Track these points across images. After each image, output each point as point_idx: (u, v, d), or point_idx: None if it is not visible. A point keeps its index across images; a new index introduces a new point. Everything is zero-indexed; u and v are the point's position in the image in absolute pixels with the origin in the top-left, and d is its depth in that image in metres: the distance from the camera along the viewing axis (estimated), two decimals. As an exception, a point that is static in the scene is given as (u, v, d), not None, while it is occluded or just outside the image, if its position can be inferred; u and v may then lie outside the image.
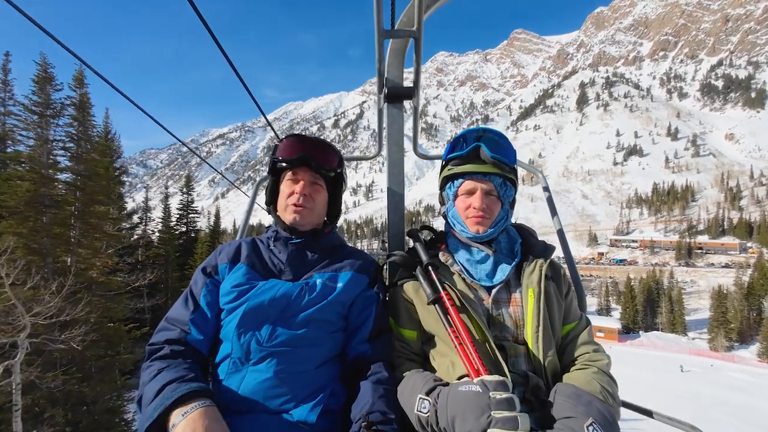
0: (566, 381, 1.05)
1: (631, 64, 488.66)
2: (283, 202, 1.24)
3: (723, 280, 78.32)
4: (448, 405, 0.93)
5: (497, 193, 1.22)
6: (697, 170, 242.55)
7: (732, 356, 44.66)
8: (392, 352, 1.18)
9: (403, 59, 1.72)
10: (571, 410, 0.92)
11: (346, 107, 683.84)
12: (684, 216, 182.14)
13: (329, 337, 1.11)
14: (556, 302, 1.16)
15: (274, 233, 1.26)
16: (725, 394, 32.05)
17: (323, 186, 1.27)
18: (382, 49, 1.16)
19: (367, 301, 1.20)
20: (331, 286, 1.15)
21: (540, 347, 1.07)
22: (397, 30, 1.33)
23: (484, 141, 1.21)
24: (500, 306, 1.15)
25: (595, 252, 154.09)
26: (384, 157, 1.81)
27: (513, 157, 1.24)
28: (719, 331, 50.32)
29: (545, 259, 1.21)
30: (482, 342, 1.07)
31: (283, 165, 1.24)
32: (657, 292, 64.66)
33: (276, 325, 1.05)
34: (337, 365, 1.13)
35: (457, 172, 1.23)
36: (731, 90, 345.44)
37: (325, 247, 1.26)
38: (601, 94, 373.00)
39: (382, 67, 1.28)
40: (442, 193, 1.33)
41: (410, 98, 1.69)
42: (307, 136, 1.28)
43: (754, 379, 36.46)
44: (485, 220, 1.19)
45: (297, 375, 1.01)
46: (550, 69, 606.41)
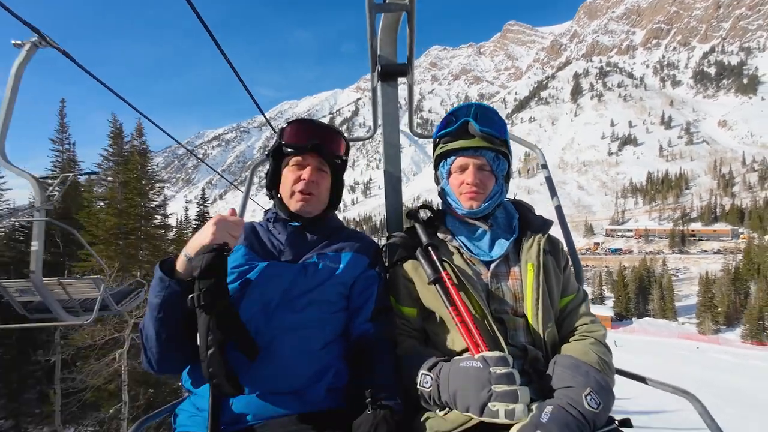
0: (564, 352, 1.08)
1: (624, 53, 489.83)
2: (288, 188, 1.21)
3: (714, 266, 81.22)
4: (449, 380, 0.96)
5: (490, 167, 1.22)
6: (691, 158, 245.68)
7: (717, 339, 47.30)
8: (394, 330, 1.20)
9: (395, 35, 1.64)
10: (570, 380, 0.95)
11: (341, 104, 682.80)
12: (678, 204, 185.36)
13: (332, 317, 1.12)
14: (554, 276, 1.18)
15: (273, 215, 1.26)
16: (708, 374, 34.66)
17: (328, 172, 1.26)
18: (373, 24, 1.11)
19: (368, 281, 1.21)
20: (332, 267, 1.16)
21: (539, 320, 1.09)
22: (388, 3, 1.29)
23: (473, 116, 1.20)
24: (499, 280, 1.17)
25: (591, 242, 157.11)
26: (380, 136, 1.75)
27: (503, 129, 1.24)
28: (707, 315, 53.01)
29: (543, 234, 1.22)
30: (481, 318, 1.08)
31: (291, 151, 1.21)
32: (648, 280, 67.36)
33: (278, 307, 1.05)
34: (340, 345, 1.13)
35: (449, 149, 1.23)
36: (724, 77, 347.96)
37: (324, 229, 1.26)
38: (595, 85, 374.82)
39: (374, 43, 1.24)
40: (436, 172, 1.34)
41: (404, 75, 1.64)
42: (316, 122, 1.26)
43: (737, 359, 39.06)
44: (479, 195, 1.19)
45: (303, 355, 1.02)
46: (544, 60, 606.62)
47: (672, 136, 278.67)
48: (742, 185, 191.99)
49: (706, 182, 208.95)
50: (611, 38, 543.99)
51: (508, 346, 1.05)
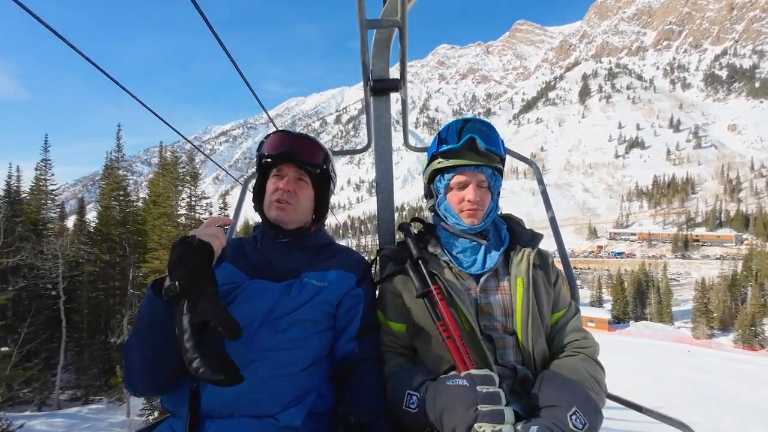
0: (553, 368, 1.06)
1: (634, 54, 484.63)
2: (268, 198, 1.22)
3: (715, 271, 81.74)
4: (435, 399, 0.93)
5: (488, 184, 1.22)
6: (698, 162, 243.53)
7: (710, 343, 48.45)
8: (380, 348, 1.18)
9: (388, 51, 1.65)
10: (556, 399, 0.93)
11: (347, 102, 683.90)
12: (683, 208, 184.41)
13: (316, 337, 1.10)
14: (544, 291, 1.17)
15: (260, 232, 1.25)
16: (696, 376, 36.10)
17: (308, 182, 1.25)
18: (365, 40, 1.12)
19: (355, 300, 1.19)
20: (318, 286, 1.13)
21: (529, 336, 1.07)
22: (380, 20, 1.31)
23: (476, 132, 1.18)
24: (489, 295, 1.15)
25: (595, 245, 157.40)
26: (372, 150, 1.74)
27: (503, 147, 1.24)
28: (701, 320, 54.04)
29: (533, 248, 1.21)
30: (470, 334, 1.06)
31: (269, 161, 1.23)
32: (646, 284, 68.35)
33: (261, 327, 1.03)
34: (325, 366, 1.11)
35: (449, 165, 1.21)
36: (735, 80, 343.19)
37: (311, 246, 1.25)
38: (603, 86, 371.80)
39: (366, 58, 1.24)
40: (430, 185, 1.31)
41: (396, 90, 1.65)
42: (292, 132, 1.26)
43: (725, 362, 40.38)
44: (479, 212, 1.19)
45: (283, 378, 0.99)
46: (553, 60, 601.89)
47: (680, 139, 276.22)
48: (749, 191, 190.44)
49: (713, 187, 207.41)
50: (621, 39, 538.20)
51: (497, 365, 1.04)
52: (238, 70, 2.00)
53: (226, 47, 1.80)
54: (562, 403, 0.91)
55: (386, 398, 1.05)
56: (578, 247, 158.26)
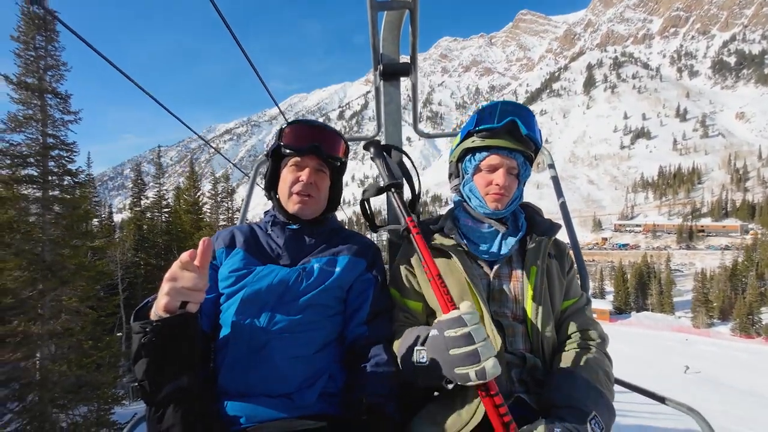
0: (565, 362, 1.04)
1: (640, 42, 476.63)
2: (286, 189, 1.20)
3: (717, 262, 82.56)
4: (428, 352, 0.92)
5: (518, 171, 1.19)
6: (705, 151, 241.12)
7: (708, 332, 49.80)
8: (394, 325, 1.18)
9: (398, 34, 1.60)
10: (575, 400, 0.91)
11: (350, 97, 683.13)
12: (689, 199, 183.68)
13: (328, 321, 1.12)
14: (557, 280, 1.16)
15: (272, 218, 1.25)
16: (690, 362, 37.80)
17: (327, 174, 1.25)
18: (375, 23, 1.08)
19: (365, 284, 1.20)
20: (329, 271, 1.15)
21: (539, 324, 1.07)
22: (390, 1, 1.27)
23: (517, 116, 1.14)
24: (501, 281, 1.15)
25: (599, 237, 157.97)
26: (382, 136, 1.72)
27: (540, 136, 1.21)
28: (701, 309, 55.39)
29: (549, 237, 1.20)
30: (480, 316, 1.04)
31: (290, 152, 1.20)
32: (648, 276, 69.63)
33: (274, 310, 1.05)
34: (336, 348, 1.13)
35: (484, 145, 1.17)
36: (744, 66, 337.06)
37: (322, 232, 1.26)
38: (608, 76, 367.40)
39: (376, 41, 1.21)
40: (459, 164, 1.27)
41: (407, 75, 1.63)
42: (316, 123, 1.25)
43: (720, 350, 41.88)
44: (504, 198, 1.16)
45: (296, 359, 1.02)
46: (557, 51, 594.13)
47: (687, 128, 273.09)
48: (756, 180, 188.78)
49: (720, 177, 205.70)
50: (627, 27, 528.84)
51: (506, 353, 1.03)
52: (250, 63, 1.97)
53: (239, 41, 1.76)
54: (582, 407, 0.90)
55: (397, 378, 1.06)
56: (583, 239, 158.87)
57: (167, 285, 0.77)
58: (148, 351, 0.74)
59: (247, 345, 1.02)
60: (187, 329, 0.80)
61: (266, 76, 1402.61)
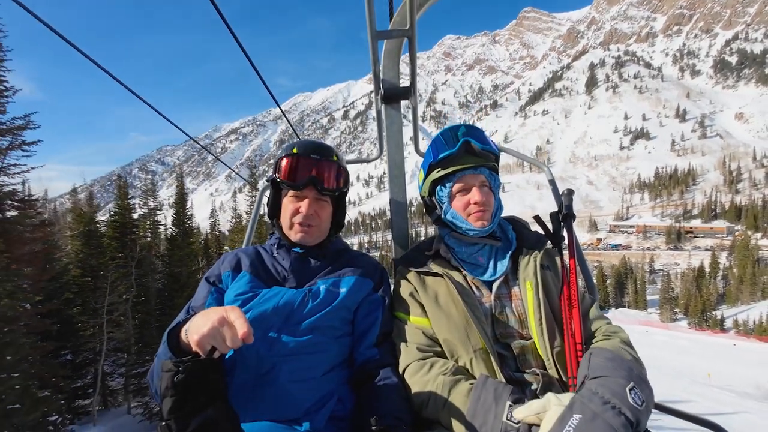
0: (595, 347, 1.01)
1: (643, 41, 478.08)
2: (288, 219, 1.21)
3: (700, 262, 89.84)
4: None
5: (488, 183, 1.23)
6: (702, 153, 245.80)
7: (667, 326, 58.05)
8: (410, 346, 1.14)
9: (398, 59, 1.71)
10: (609, 370, 0.86)
11: (354, 96, 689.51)
12: (682, 200, 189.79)
13: (335, 342, 1.11)
14: (555, 291, 1.16)
15: (277, 240, 1.25)
16: (642, 349, 46.36)
17: (328, 201, 1.25)
18: (376, 51, 1.14)
19: (373, 305, 1.20)
20: (335, 292, 1.15)
21: (546, 339, 1.05)
22: (390, 30, 1.35)
23: (468, 136, 1.21)
24: (503, 303, 1.15)
25: (594, 238, 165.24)
26: (385, 158, 1.78)
27: (495, 145, 1.27)
28: (666, 306, 63.63)
29: (539, 250, 1.21)
30: (484, 350, 1.06)
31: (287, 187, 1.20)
32: (625, 276, 77.74)
33: (280, 333, 1.05)
34: (344, 370, 1.12)
35: (449, 172, 1.22)
36: (745, 66, 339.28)
37: (328, 253, 1.26)
38: (610, 76, 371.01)
39: (377, 68, 1.27)
40: (433, 198, 1.30)
41: (407, 98, 1.69)
42: (312, 155, 1.20)
43: (672, 340, 50.28)
44: (486, 212, 1.20)
45: (303, 383, 1.01)
46: (560, 49, 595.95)
47: (686, 129, 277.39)
48: (748, 182, 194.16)
49: (714, 178, 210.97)
50: (630, 25, 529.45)
51: (518, 372, 1.04)
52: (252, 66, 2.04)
53: (241, 43, 1.84)
54: (617, 376, 0.83)
55: (408, 401, 1.04)
56: (578, 240, 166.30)
57: (211, 327, 0.75)
58: (177, 389, 0.73)
59: (254, 368, 1.01)
60: (217, 368, 0.80)
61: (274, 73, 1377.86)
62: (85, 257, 14.68)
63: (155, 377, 0.92)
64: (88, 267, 14.61)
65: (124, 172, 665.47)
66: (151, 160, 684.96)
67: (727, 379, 28.30)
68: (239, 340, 0.74)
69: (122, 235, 16.01)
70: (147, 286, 17.07)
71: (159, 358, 0.90)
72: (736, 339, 48.46)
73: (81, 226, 15.12)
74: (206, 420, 0.74)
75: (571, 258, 1.21)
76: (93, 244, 14.91)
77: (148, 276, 17.23)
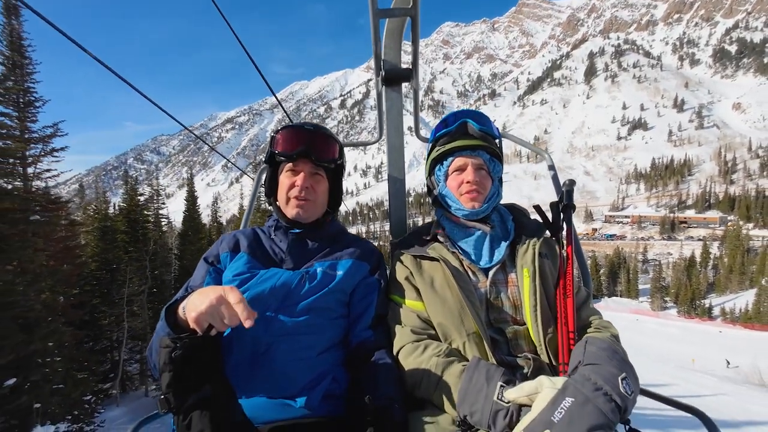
0: (587, 337, 1.02)
1: (643, 29, 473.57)
2: (284, 194, 1.23)
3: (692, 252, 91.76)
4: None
5: (487, 168, 1.23)
6: (699, 143, 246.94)
7: (657, 314, 59.84)
8: (404, 329, 1.16)
9: (400, 40, 1.65)
10: (604, 359, 0.89)
11: (351, 85, 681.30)
12: (677, 191, 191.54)
13: (330, 324, 1.13)
14: (551, 279, 1.17)
15: (275, 222, 1.27)
16: (629, 335, 47.78)
17: (324, 176, 1.26)
18: (377, 30, 1.12)
19: (369, 288, 1.22)
20: (331, 274, 1.16)
21: (539, 326, 1.08)
22: (392, 9, 1.30)
23: (468, 116, 1.24)
24: (498, 288, 1.16)
25: (590, 228, 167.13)
26: (384, 141, 1.76)
27: (497, 131, 1.28)
28: (657, 295, 65.40)
29: (538, 238, 1.21)
30: (477, 334, 1.08)
31: (283, 159, 1.23)
32: (618, 265, 79.48)
33: (277, 313, 1.06)
34: (339, 351, 1.14)
35: (446, 150, 1.24)
36: (744, 55, 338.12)
37: (325, 236, 1.27)
38: (609, 65, 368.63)
39: (378, 48, 1.25)
40: (432, 177, 1.34)
41: (408, 80, 1.65)
42: (306, 128, 1.24)
43: (661, 327, 52.04)
44: (479, 195, 1.20)
45: (299, 362, 1.03)
46: (560, 37, 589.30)
47: (683, 119, 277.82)
48: (743, 172, 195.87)
49: (710, 169, 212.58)
50: (631, 12, 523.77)
51: (510, 356, 1.06)
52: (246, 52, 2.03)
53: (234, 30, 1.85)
54: (611, 366, 0.86)
55: (401, 381, 1.07)
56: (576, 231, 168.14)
57: (209, 305, 0.76)
58: (175, 365, 0.75)
59: (250, 347, 1.03)
60: (213, 345, 0.82)
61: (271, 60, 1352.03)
62: (101, 251, 15.51)
63: (154, 353, 0.94)
64: (104, 261, 15.49)
65: (119, 161, 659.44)
66: (146, 150, 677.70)
67: (711, 364, 29.80)
68: (236, 319, 0.75)
69: (134, 230, 16.93)
70: (161, 279, 18.20)
71: (157, 333, 0.92)
72: (722, 326, 50.14)
73: (96, 222, 15.93)
74: (204, 396, 0.76)
75: (568, 247, 1.22)
76: (108, 239, 15.75)
77: (161, 269, 18.29)
